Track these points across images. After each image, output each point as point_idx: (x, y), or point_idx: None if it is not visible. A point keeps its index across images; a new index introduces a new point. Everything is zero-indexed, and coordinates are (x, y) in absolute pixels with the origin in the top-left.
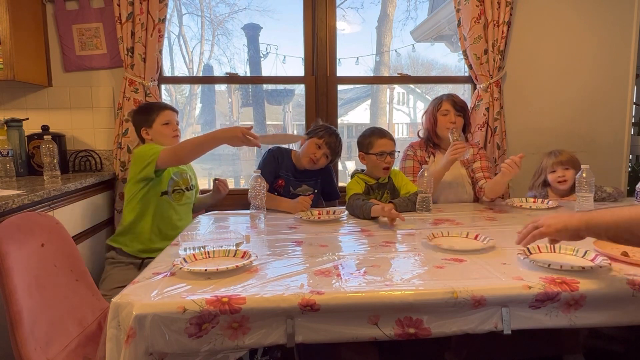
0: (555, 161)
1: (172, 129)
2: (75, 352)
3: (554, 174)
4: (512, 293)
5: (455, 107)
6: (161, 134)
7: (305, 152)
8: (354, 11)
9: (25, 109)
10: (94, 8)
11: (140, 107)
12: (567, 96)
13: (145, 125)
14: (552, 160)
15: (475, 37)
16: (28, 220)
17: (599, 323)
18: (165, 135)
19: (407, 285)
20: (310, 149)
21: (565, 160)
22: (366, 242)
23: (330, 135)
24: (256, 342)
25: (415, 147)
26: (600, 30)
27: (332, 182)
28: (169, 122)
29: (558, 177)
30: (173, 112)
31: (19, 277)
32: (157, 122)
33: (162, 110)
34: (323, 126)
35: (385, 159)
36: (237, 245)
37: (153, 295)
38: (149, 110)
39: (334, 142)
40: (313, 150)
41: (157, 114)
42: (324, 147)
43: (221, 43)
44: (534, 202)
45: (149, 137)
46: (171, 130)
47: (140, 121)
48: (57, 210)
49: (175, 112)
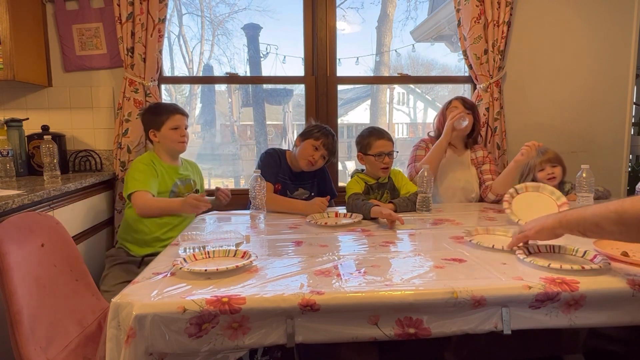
0: (544, 159)
1: (179, 134)
2: (75, 352)
3: (542, 172)
4: (512, 293)
5: (465, 104)
6: (168, 138)
7: (303, 154)
8: (354, 11)
9: (25, 109)
10: (94, 8)
11: (150, 107)
12: (567, 96)
13: (154, 127)
14: (539, 159)
15: (475, 37)
16: (28, 220)
17: (599, 323)
18: (172, 140)
19: (407, 285)
20: (307, 151)
21: (552, 157)
22: (366, 242)
23: (326, 136)
24: (256, 342)
25: (427, 142)
26: (600, 30)
27: (328, 182)
28: (178, 127)
29: (547, 174)
30: (183, 117)
31: (19, 277)
32: (165, 125)
33: (173, 115)
34: (317, 126)
35: (384, 160)
36: (237, 245)
37: (153, 295)
38: (159, 112)
39: (331, 143)
40: (310, 152)
41: (167, 117)
42: (321, 149)
43: (221, 43)
44: None
45: (156, 139)
46: (179, 136)
47: (149, 122)
48: (57, 210)
49: (185, 117)
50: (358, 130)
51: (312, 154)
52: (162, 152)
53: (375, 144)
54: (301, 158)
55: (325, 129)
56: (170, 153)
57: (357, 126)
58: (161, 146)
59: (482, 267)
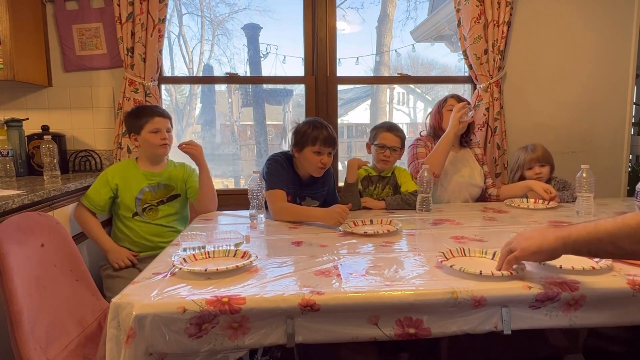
0: (533, 157)
1: (160, 138)
2: (75, 352)
3: (531, 171)
4: (512, 293)
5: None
6: (148, 142)
7: (310, 164)
8: (354, 11)
9: (25, 109)
10: (94, 8)
11: (132, 111)
12: (567, 96)
13: (134, 131)
14: (529, 157)
15: (475, 37)
16: (28, 220)
17: (599, 323)
18: (152, 144)
19: (407, 285)
20: (312, 160)
21: (541, 157)
22: (366, 242)
23: (320, 132)
24: (256, 342)
25: (424, 140)
26: (600, 30)
27: (334, 190)
28: (158, 130)
29: (535, 174)
30: (164, 119)
31: (19, 277)
32: (145, 129)
33: (152, 117)
34: (305, 128)
35: (384, 152)
36: (237, 245)
37: (153, 296)
38: (139, 115)
39: (328, 135)
40: (315, 159)
41: (146, 121)
42: (323, 149)
43: (221, 43)
44: (534, 203)
45: (137, 143)
46: (159, 139)
47: (130, 126)
48: (57, 210)
49: (166, 119)
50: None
51: (318, 160)
52: (142, 157)
53: (381, 135)
54: (311, 169)
55: (313, 126)
56: (151, 158)
57: (357, 126)
58: (143, 151)
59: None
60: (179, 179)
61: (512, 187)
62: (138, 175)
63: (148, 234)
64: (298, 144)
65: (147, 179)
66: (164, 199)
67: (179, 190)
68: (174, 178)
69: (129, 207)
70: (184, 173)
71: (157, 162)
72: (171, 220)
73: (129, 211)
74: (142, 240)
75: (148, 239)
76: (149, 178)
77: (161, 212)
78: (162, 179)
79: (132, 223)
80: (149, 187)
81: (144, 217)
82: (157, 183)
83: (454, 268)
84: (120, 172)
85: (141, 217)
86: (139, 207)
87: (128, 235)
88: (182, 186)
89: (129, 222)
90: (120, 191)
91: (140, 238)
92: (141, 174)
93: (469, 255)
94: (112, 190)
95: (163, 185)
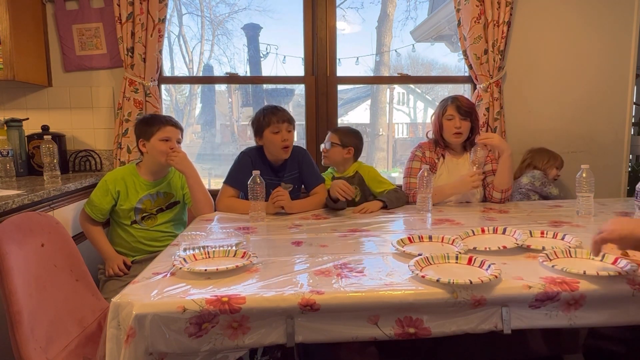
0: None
1: (169, 147)
2: (75, 352)
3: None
4: (512, 293)
5: (460, 111)
6: (157, 149)
7: (274, 145)
8: (354, 11)
9: (25, 109)
10: (94, 8)
11: (143, 118)
12: (567, 96)
13: (144, 137)
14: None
15: (475, 37)
16: (28, 220)
17: (599, 323)
18: (161, 151)
19: (407, 285)
20: (275, 140)
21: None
22: (366, 242)
23: (273, 113)
24: (256, 341)
25: (424, 148)
26: (601, 30)
27: (312, 169)
28: (169, 139)
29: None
30: (176, 129)
31: (19, 277)
32: (155, 136)
33: (164, 126)
34: (258, 116)
35: (282, 137)
36: (237, 245)
37: (153, 295)
38: (151, 122)
39: (281, 112)
40: (277, 138)
41: (158, 128)
42: (281, 127)
43: (221, 43)
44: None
45: (145, 149)
46: (167, 148)
47: (140, 132)
48: (57, 210)
49: (178, 130)
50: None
51: (279, 138)
52: (145, 164)
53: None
54: (276, 151)
55: (265, 110)
56: (155, 167)
57: (357, 126)
58: (148, 158)
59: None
60: (177, 186)
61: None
62: (138, 183)
63: (146, 240)
64: (257, 131)
65: (147, 188)
66: (163, 207)
67: (178, 197)
68: (174, 185)
69: (128, 216)
70: (182, 179)
71: (160, 172)
72: (169, 225)
73: (128, 219)
74: (140, 245)
75: (146, 244)
76: (150, 187)
77: (160, 219)
78: (162, 187)
79: (131, 229)
80: (149, 196)
81: (143, 225)
82: (157, 191)
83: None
84: (120, 180)
85: (140, 225)
86: (138, 216)
87: (126, 240)
88: (180, 193)
89: (127, 229)
90: (120, 200)
91: (137, 243)
92: (142, 183)
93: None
94: (114, 198)
95: (162, 194)
